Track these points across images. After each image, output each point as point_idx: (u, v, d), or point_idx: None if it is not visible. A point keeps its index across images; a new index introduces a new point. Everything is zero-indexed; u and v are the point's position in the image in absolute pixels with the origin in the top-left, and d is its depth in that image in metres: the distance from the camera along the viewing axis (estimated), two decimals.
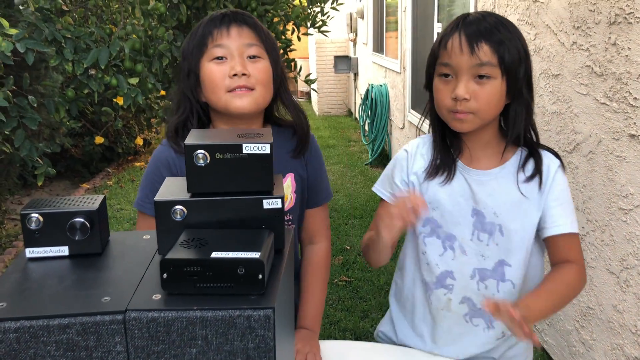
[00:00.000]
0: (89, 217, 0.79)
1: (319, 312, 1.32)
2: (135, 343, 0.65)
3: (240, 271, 0.67)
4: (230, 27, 1.15)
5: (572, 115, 2.11)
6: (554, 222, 1.17)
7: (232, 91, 1.13)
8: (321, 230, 1.35)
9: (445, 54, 1.11)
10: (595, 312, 2.04)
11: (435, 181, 1.20)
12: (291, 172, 1.25)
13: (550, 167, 1.18)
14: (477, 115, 1.11)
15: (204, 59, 1.16)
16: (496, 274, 1.18)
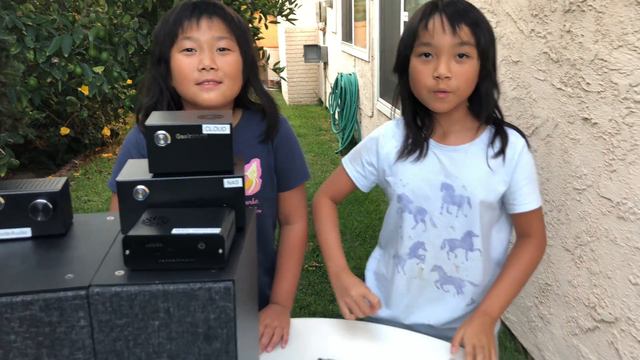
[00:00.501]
0: (52, 199, 0.80)
1: (291, 289, 1.35)
2: (99, 317, 0.67)
3: (201, 246, 0.70)
4: (201, 19, 1.15)
5: (531, 101, 2.18)
6: (523, 200, 1.24)
7: (200, 84, 1.15)
8: (297, 211, 1.37)
9: (427, 34, 1.15)
10: (552, 288, 2.12)
11: (408, 160, 1.24)
12: (257, 158, 1.27)
13: (516, 146, 1.24)
14: (457, 93, 1.17)
15: (174, 48, 1.16)
16: (465, 244, 1.24)
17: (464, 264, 1.25)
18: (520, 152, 1.23)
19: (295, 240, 1.37)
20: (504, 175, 1.22)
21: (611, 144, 1.72)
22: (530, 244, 1.27)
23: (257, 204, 1.28)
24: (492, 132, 1.24)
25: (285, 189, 1.34)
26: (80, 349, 0.68)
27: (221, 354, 0.71)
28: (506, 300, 1.23)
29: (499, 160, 1.22)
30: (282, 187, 1.34)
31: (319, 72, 8.90)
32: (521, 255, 1.26)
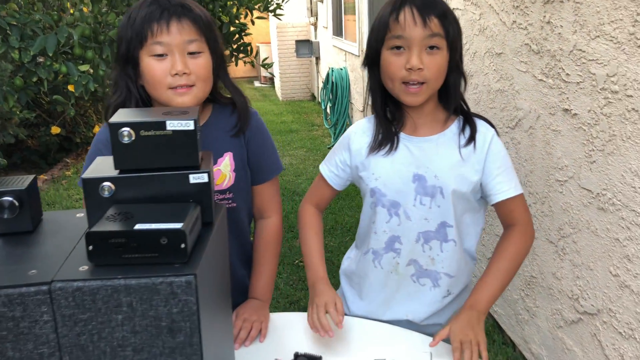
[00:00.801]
0: (18, 197, 0.81)
1: (269, 283, 1.36)
2: (62, 312, 0.68)
3: (164, 241, 0.71)
4: (170, 23, 1.13)
5: (514, 92, 2.19)
6: (500, 189, 1.24)
7: (174, 89, 1.15)
8: (270, 204, 1.38)
9: (398, 27, 1.16)
10: (537, 280, 2.14)
11: (380, 153, 1.25)
12: (229, 151, 1.27)
13: (486, 135, 1.24)
14: (429, 84, 1.18)
15: (143, 51, 1.15)
16: (439, 235, 1.25)
17: (439, 256, 1.26)
18: (490, 141, 1.24)
19: (270, 234, 1.38)
20: (476, 164, 1.23)
21: (590, 135, 1.73)
22: (515, 233, 1.26)
23: (231, 198, 1.29)
24: (461, 122, 1.25)
25: (258, 182, 1.35)
26: (45, 343, 0.69)
27: (185, 347, 0.71)
28: (493, 293, 1.22)
29: (470, 149, 1.23)
30: (256, 180, 1.35)
31: (311, 67, 8.90)
32: (506, 246, 1.26)
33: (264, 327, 1.24)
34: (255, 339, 1.21)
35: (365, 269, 1.33)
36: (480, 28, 2.43)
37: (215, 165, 1.25)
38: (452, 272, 1.28)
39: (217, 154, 1.26)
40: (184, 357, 0.72)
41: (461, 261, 1.29)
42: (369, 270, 1.32)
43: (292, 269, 3.29)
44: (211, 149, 1.23)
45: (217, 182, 1.26)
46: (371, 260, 1.31)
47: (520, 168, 2.17)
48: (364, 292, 1.35)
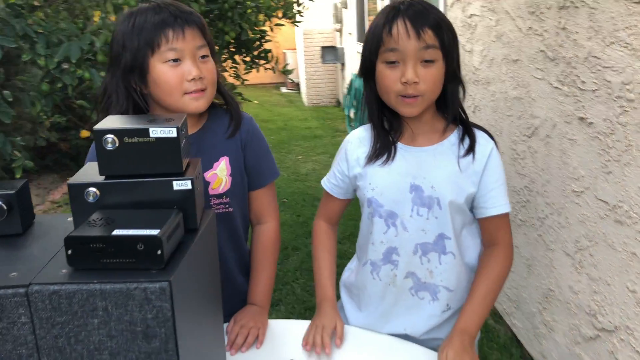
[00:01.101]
0: (7, 200, 0.83)
1: (267, 289, 1.36)
2: (40, 314, 0.70)
3: (140, 247, 0.71)
4: (185, 29, 1.15)
5: (530, 100, 2.15)
6: (493, 203, 1.22)
7: (189, 94, 1.17)
8: (267, 210, 1.38)
9: (392, 41, 1.14)
10: (555, 294, 2.09)
11: (377, 163, 1.24)
12: (226, 156, 1.28)
13: (485, 147, 1.22)
14: (425, 97, 1.17)
15: (154, 58, 1.15)
16: (437, 247, 1.23)
17: (438, 268, 1.24)
18: (490, 154, 1.22)
19: (268, 240, 1.38)
20: (473, 175, 1.21)
21: (606, 145, 1.68)
22: (499, 253, 1.26)
23: (228, 202, 1.29)
24: (461, 132, 1.23)
25: (255, 188, 1.35)
26: (23, 345, 0.71)
27: (161, 353, 0.72)
28: (481, 315, 1.22)
29: (468, 160, 1.21)
30: (253, 185, 1.35)
31: (337, 74, 8.91)
32: (492, 267, 1.25)
33: (262, 334, 1.24)
34: (252, 345, 1.21)
35: (364, 280, 1.32)
36: (497, 34, 2.40)
37: (211, 169, 1.26)
38: (451, 285, 1.26)
39: (214, 158, 1.26)
40: None
41: (461, 275, 1.26)
42: (368, 282, 1.30)
43: (309, 274, 3.29)
44: (208, 153, 1.25)
45: (213, 186, 1.26)
46: (369, 272, 1.29)
47: (537, 178, 2.12)
48: (363, 304, 1.34)
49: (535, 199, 2.14)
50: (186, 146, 0.86)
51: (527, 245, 2.25)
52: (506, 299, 2.53)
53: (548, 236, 2.07)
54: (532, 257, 2.22)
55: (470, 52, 2.76)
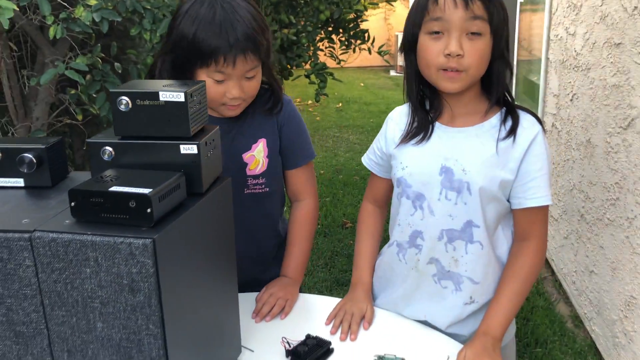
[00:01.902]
0: (38, 155, 0.90)
1: (300, 262, 1.37)
2: (41, 259, 0.75)
3: (132, 204, 0.75)
4: (237, 59, 1.14)
5: (629, 88, 1.93)
6: (532, 194, 1.13)
7: (226, 105, 1.22)
8: (305, 188, 1.40)
9: (438, 9, 1.08)
10: (637, 302, 1.89)
11: (411, 142, 1.19)
12: (263, 138, 1.30)
13: (529, 132, 1.13)
14: (468, 72, 1.09)
15: (202, 70, 1.17)
16: (465, 235, 1.16)
17: (463, 258, 1.17)
18: (534, 139, 1.11)
19: (303, 215, 1.39)
20: (511, 161, 1.12)
21: None
22: (530, 249, 1.16)
23: (264, 183, 1.32)
24: (503, 114, 1.14)
25: (291, 167, 1.37)
26: (28, 286, 0.77)
27: (144, 307, 0.75)
28: (507, 317, 1.14)
29: (508, 143, 1.12)
30: (289, 165, 1.37)
31: None
32: (521, 264, 1.16)
33: (289, 305, 1.25)
34: (276, 315, 1.22)
35: (391, 260, 1.28)
36: (602, 15, 2.18)
37: (249, 151, 1.30)
38: (476, 277, 1.18)
39: (252, 140, 1.30)
40: (144, 316, 0.76)
41: (489, 267, 1.18)
42: (394, 262, 1.27)
43: None
44: (247, 135, 1.30)
45: (250, 167, 1.30)
46: (395, 253, 1.25)
47: (629, 174, 1.92)
48: (389, 283, 1.30)
49: (626, 197, 1.94)
50: (199, 112, 0.88)
51: (613, 247, 2.05)
52: (587, 303, 2.33)
53: (636, 238, 1.87)
54: (617, 259, 2.02)
55: (572, 35, 2.54)
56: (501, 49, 1.11)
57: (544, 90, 3.03)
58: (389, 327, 1.22)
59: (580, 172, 2.41)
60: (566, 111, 2.62)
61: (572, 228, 2.54)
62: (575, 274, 2.49)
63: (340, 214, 3.76)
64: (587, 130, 2.32)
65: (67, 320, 0.78)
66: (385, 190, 1.35)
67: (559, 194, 2.73)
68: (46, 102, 2.92)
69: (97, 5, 2.66)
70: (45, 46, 2.76)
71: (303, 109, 7.21)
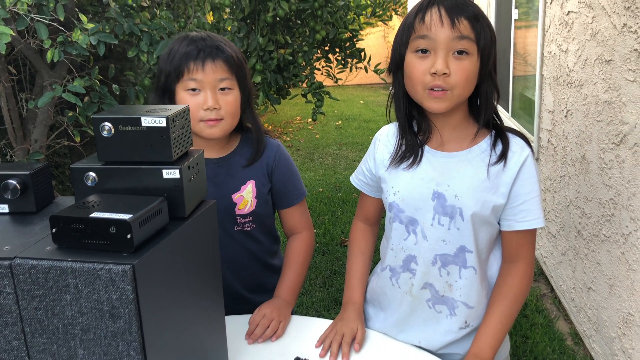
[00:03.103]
0: (23, 181, 0.90)
1: (294, 284, 1.38)
2: (22, 286, 0.75)
3: (112, 230, 0.75)
4: (205, 63, 1.24)
5: (620, 104, 1.94)
6: (522, 217, 1.13)
7: (205, 121, 1.26)
8: (299, 224, 1.46)
9: (424, 27, 1.08)
10: (635, 319, 1.87)
11: (401, 166, 1.19)
12: (253, 179, 1.36)
13: (520, 156, 1.13)
14: (454, 92, 1.09)
15: (179, 85, 1.26)
16: (458, 260, 1.15)
17: (457, 282, 1.16)
18: (524, 162, 1.11)
19: (299, 243, 1.44)
20: (502, 186, 1.11)
21: None
22: (519, 271, 1.16)
23: (251, 221, 1.37)
24: (493, 137, 1.14)
25: (285, 207, 1.44)
26: (8, 313, 0.77)
27: (125, 333, 0.75)
28: (497, 338, 1.13)
29: (499, 167, 1.12)
30: (282, 205, 1.44)
31: None
32: (509, 286, 1.16)
33: (281, 327, 1.25)
34: (268, 338, 1.22)
35: (384, 285, 1.27)
36: (592, 32, 2.19)
37: (238, 192, 1.35)
38: (470, 302, 1.17)
39: (241, 181, 1.35)
40: (125, 342, 0.75)
41: (482, 292, 1.17)
42: (387, 287, 1.26)
43: None
44: (236, 176, 1.35)
45: (239, 207, 1.35)
46: (389, 278, 1.24)
47: (623, 190, 1.91)
48: (382, 308, 1.29)
49: (621, 213, 1.93)
50: (182, 136, 0.88)
51: (609, 264, 2.04)
52: (586, 320, 2.31)
53: (631, 255, 1.86)
54: (614, 276, 2.01)
55: (565, 52, 2.56)
56: (489, 70, 1.11)
57: (539, 106, 3.04)
58: (381, 349, 1.21)
59: (576, 188, 2.41)
60: (561, 127, 2.63)
61: (570, 244, 2.53)
62: (574, 291, 2.48)
63: (339, 231, 3.75)
64: (582, 147, 2.33)
65: (48, 347, 0.77)
66: (375, 208, 1.35)
67: (556, 210, 2.73)
68: (45, 124, 2.94)
69: (94, 29, 2.69)
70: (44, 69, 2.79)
71: (303, 126, 7.23)
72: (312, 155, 5.80)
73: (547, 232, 2.91)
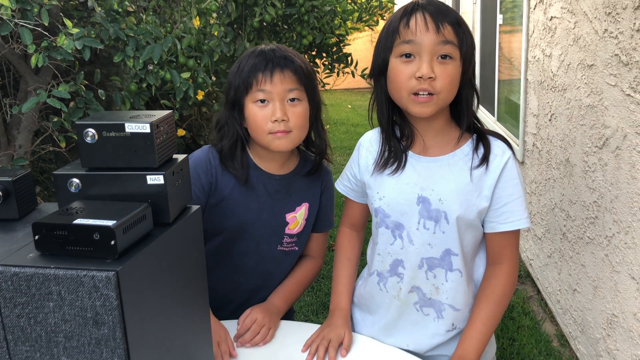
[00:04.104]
0: (4, 187, 0.90)
1: (290, 295, 1.39)
2: (4, 294, 0.75)
3: (96, 237, 0.75)
4: (274, 73, 1.23)
5: (602, 109, 1.96)
6: (505, 219, 1.14)
7: (273, 134, 1.24)
8: (317, 251, 1.48)
9: (409, 32, 1.09)
10: (619, 320, 1.89)
11: (385, 172, 1.20)
12: (306, 202, 1.37)
13: (501, 158, 1.14)
14: (440, 96, 1.10)
15: (248, 98, 1.26)
16: (444, 263, 1.16)
17: (444, 285, 1.17)
18: (505, 164, 1.13)
19: (309, 266, 1.46)
20: (485, 189, 1.13)
21: None
22: (503, 272, 1.17)
23: (295, 242, 1.38)
24: (474, 141, 1.15)
25: (315, 231, 1.45)
26: None
27: (109, 340, 0.74)
28: (482, 340, 1.14)
29: (481, 171, 1.13)
30: (315, 228, 1.44)
31: None
32: (493, 288, 1.17)
33: (270, 335, 1.25)
34: (256, 344, 1.22)
35: (372, 290, 1.28)
36: (575, 37, 2.22)
37: (293, 212, 1.36)
38: (457, 304, 1.18)
39: (297, 202, 1.36)
40: (109, 349, 0.75)
41: (468, 294, 1.19)
42: (375, 292, 1.26)
43: None
44: (294, 196, 1.35)
45: (290, 227, 1.36)
46: (376, 283, 1.25)
47: (606, 192, 1.94)
48: (370, 313, 1.30)
49: (604, 216, 1.96)
50: (166, 142, 0.88)
51: (594, 265, 2.07)
52: (572, 322, 2.34)
53: (614, 257, 1.89)
54: (598, 278, 2.03)
55: (549, 56, 2.59)
56: (469, 76, 1.12)
57: (524, 110, 3.07)
58: (368, 353, 1.21)
59: (561, 191, 2.44)
60: (546, 131, 2.66)
61: (555, 247, 2.55)
62: (560, 293, 2.50)
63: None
64: (566, 150, 2.35)
65: (30, 355, 0.77)
66: (361, 214, 1.36)
67: (542, 212, 2.75)
68: (29, 130, 2.91)
69: (79, 34, 2.67)
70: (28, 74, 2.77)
71: None
72: None
73: (533, 235, 2.94)
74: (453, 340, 1.21)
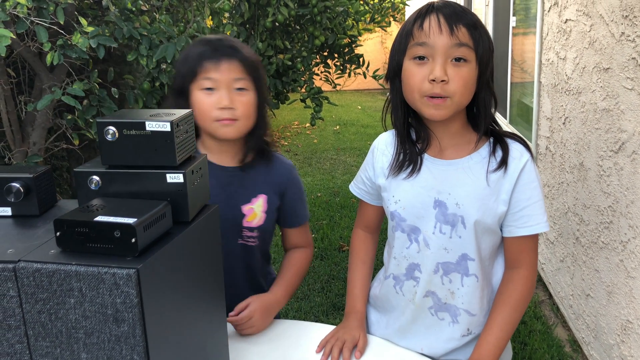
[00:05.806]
0: (26, 184, 0.90)
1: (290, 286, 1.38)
2: (25, 290, 0.75)
3: (117, 234, 0.75)
4: (221, 61, 1.24)
5: (619, 112, 1.95)
6: (523, 223, 1.13)
7: (219, 121, 1.25)
8: (302, 242, 1.47)
9: (422, 34, 1.08)
10: (633, 326, 1.88)
11: (401, 175, 1.19)
12: (264, 194, 1.35)
13: (519, 161, 1.13)
14: (453, 99, 1.09)
15: (194, 85, 1.26)
16: (460, 268, 1.15)
17: (460, 290, 1.16)
18: (523, 167, 1.12)
19: (300, 255, 1.44)
20: (503, 193, 1.12)
21: None
22: (520, 278, 1.16)
23: (256, 236, 1.36)
24: (492, 144, 1.14)
25: (290, 226, 1.44)
26: (12, 316, 0.77)
27: (129, 337, 0.75)
28: (499, 345, 1.13)
29: (499, 174, 1.12)
30: (288, 224, 1.44)
31: None
32: (510, 292, 1.16)
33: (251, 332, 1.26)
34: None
35: (387, 292, 1.27)
36: (590, 40, 2.21)
37: (249, 203, 1.34)
38: (473, 309, 1.17)
39: (253, 194, 1.34)
40: (128, 347, 0.75)
41: (484, 300, 1.18)
42: (391, 294, 1.26)
43: None
44: (248, 188, 1.34)
45: (248, 219, 1.34)
46: (392, 286, 1.25)
47: (622, 197, 1.92)
48: (386, 314, 1.29)
49: (619, 221, 1.94)
50: (185, 141, 0.88)
51: (608, 271, 2.05)
52: (585, 327, 2.32)
53: (630, 262, 1.87)
54: (612, 283, 2.01)
55: (563, 59, 2.57)
56: (487, 79, 1.11)
57: (537, 113, 3.05)
58: (383, 355, 1.21)
59: (575, 195, 2.42)
60: (559, 134, 2.64)
61: (568, 251, 2.53)
62: (572, 298, 2.48)
63: (337, 236, 3.75)
64: (580, 154, 2.34)
65: (51, 351, 0.77)
66: (376, 216, 1.35)
67: (555, 216, 2.74)
68: (43, 127, 2.93)
69: (94, 32, 2.69)
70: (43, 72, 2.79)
71: (301, 131, 7.24)
72: (310, 160, 5.80)
73: (545, 239, 2.92)
74: (469, 345, 1.20)
